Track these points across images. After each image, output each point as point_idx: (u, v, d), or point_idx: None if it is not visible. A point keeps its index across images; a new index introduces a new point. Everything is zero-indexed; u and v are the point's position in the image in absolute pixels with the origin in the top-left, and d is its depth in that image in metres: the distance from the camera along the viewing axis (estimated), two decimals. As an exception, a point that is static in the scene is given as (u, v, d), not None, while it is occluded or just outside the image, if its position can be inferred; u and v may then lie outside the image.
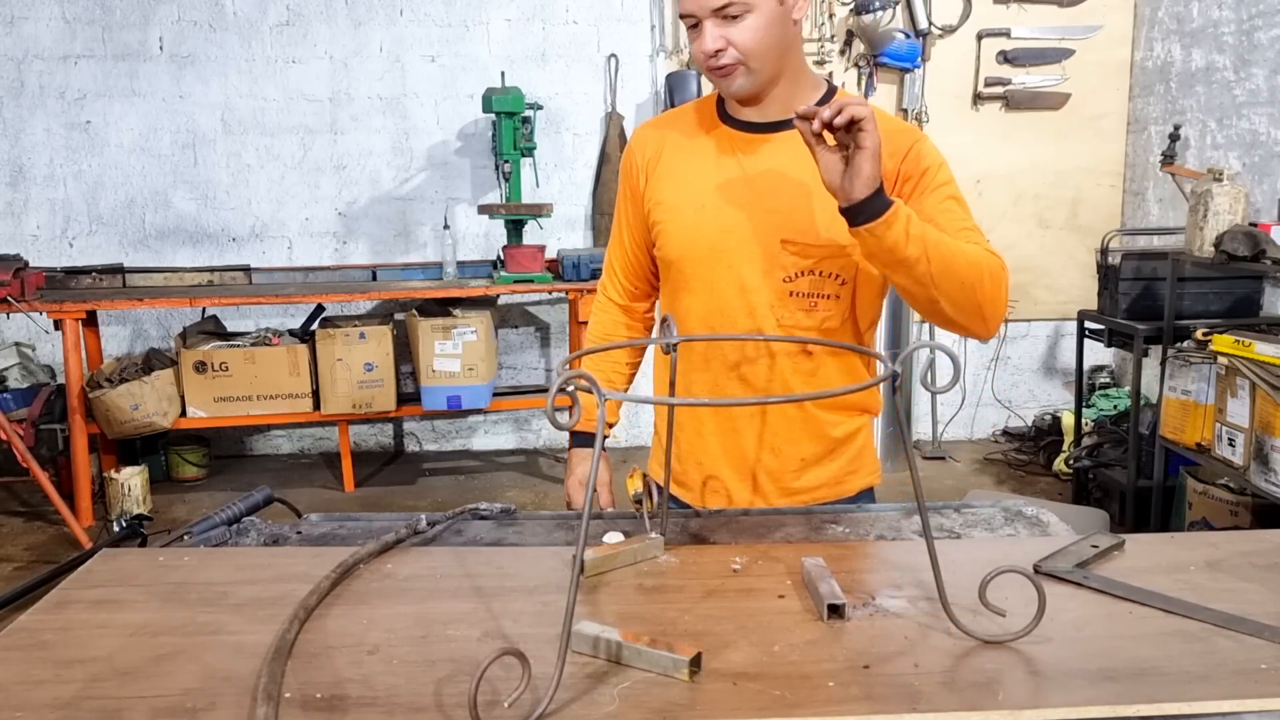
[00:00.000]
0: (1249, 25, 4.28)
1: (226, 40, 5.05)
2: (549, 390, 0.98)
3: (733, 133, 1.57)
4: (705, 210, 1.56)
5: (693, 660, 1.01)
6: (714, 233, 1.55)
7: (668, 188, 1.60)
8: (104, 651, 1.10)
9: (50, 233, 5.12)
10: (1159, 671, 1.02)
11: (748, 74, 1.47)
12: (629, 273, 1.74)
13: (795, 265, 1.53)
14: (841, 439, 1.67)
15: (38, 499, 4.49)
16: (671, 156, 1.61)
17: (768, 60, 1.47)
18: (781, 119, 1.53)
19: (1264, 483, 3.18)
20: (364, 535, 1.48)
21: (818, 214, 1.50)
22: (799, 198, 1.51)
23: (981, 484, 4.79)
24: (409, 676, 1.03)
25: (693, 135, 1.61)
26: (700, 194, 1.56)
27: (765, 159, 1.54)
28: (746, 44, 1.44)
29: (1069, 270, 5.32)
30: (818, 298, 1.55)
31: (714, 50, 1.44)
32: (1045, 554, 1.30)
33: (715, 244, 1.55)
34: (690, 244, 1.57)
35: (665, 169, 1.61)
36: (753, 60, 1.46)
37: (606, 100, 5.20)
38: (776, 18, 1.45)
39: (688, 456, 1.69)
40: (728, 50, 1.45)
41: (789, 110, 1.46)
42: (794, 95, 1.53)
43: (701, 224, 1.56)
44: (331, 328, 4.54)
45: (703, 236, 1.56)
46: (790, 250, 1.52)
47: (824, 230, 1.50)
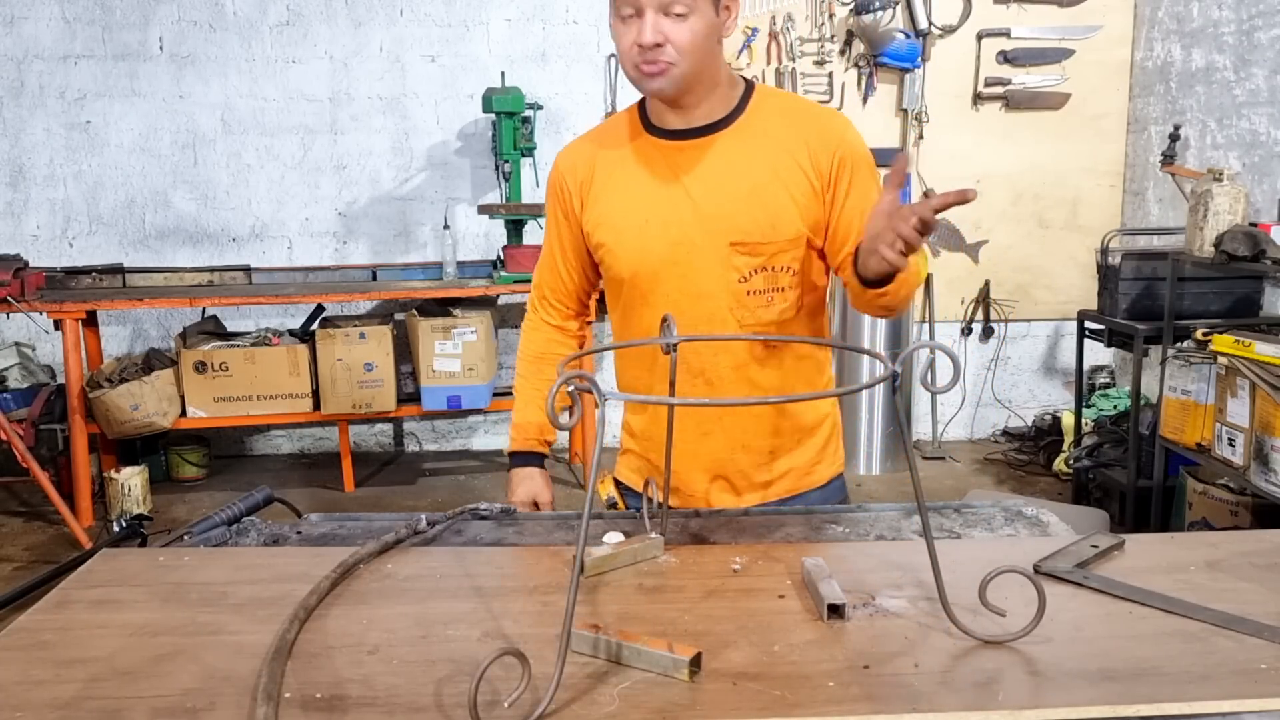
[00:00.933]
0: (1249, 25, 4.28)
1: (226, 40, 5.05)
2: (549, 390, 0.98)
3: (663, 143, 1.56)
4: (650, 225, 1.55)
5: (693, 660, 1.01)
6: (662, 246, 1.55)
7: (606, 209, 1.59)
8: (104, 651, 1.10)
9: (50, 233, 5.12)
10: (1159, 671, 1.02)
11: (676, 77, 1.46)
12: (561, 294, 1.74)
13: (748, 265, 1.54)
14: (809, 427, 1.69)
15: (38, 499, 4.49)
16: (605, 176, 1.60)
17: (697, 64, 1.46)
18: (707, 123, 1.54)
19: (1264, 483, 3.18)
20: (364, 535, 1.48)
21: (761, 212, 1.52)
22: (741, 199, 1.52)
23: (981, 484, 4.79)
24: (409, 676, 1.03)
25: (623, 151, 1.59)
26: (642, 210, 1.56)
27: (701, 165, 1.54)
28: (683, 44, 1.43)
29: (1069, 270, 5.32)
30: (773, 292, 1.57)
31: (652, 43, 1.42)
32: (1045, 554, 1.30)
33: (665, 257, 1.55)
34: (640, 261, 1.57)
35: (600, 190, 1.60)
36: (685, 61, 1.45)
37: (606, 100, 5.20)
38: (712, 27, 1.46)
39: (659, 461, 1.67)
40: (665, 47, 1.43)
41: (713, 114, 1.54)
42: (717, 100, 1.54)
43: (648, 240, 1.55)
44: (331, 328, 4.54)
45: (651, 252, 1.55)
46: (741, 251, 1.53)
47: (770, 227, 1.52)
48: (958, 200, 1.19)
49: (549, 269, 1.72)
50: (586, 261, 1.68)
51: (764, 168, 1.53)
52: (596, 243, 1.62)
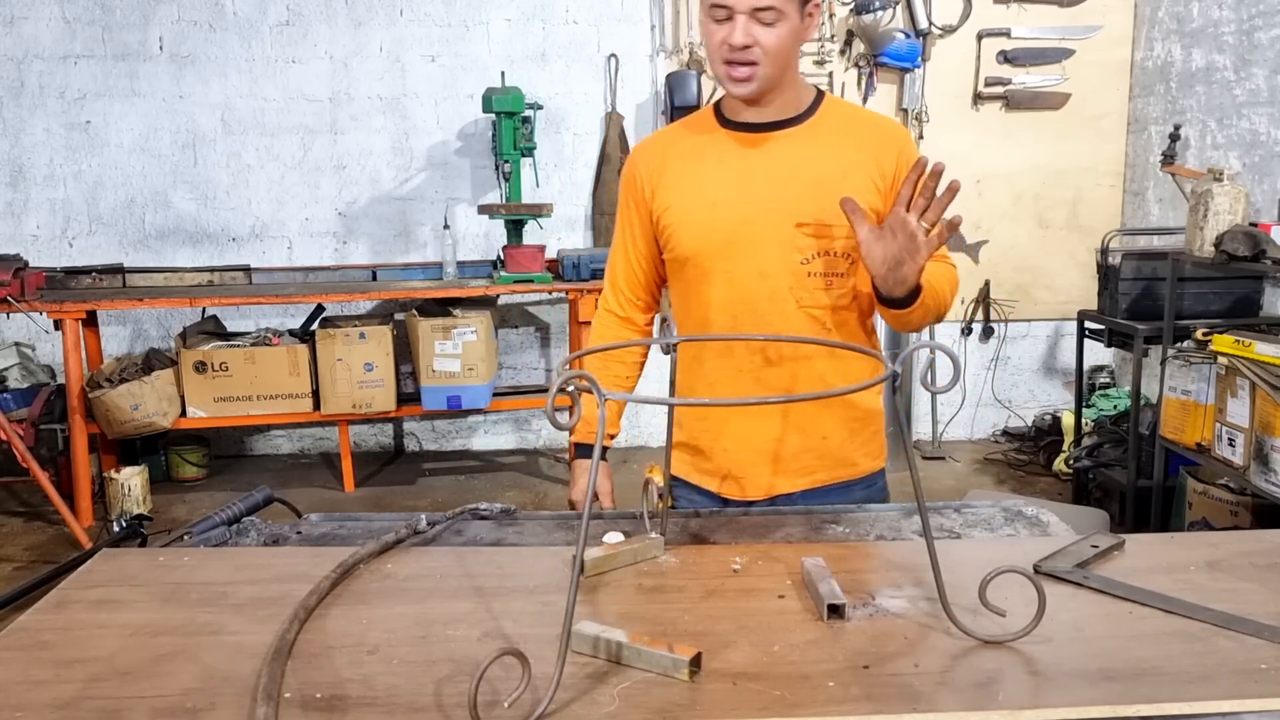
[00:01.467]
0: (1249, 25, 4.28)
1: (226, 40, 5.05)
2: (549, 390, 0.98)
3: (735, 134, 1.64)
4: (718, 206, 1.62)
5: (693, 660, 1.01)
6: (729, 225, 1.61)
7: (676, 191, 1.66)
8: (104, 651, 1.10)
9: (50, 233, 5.12)
10: (1159, 671, 1.02)
11: (762, 78, 1.55)
12: (632, 284, 1.78)
13: (811, 247, 1.61)
14: (861, 416, 1.73)
15: (38, 499, 4.49)
16: (676, 164, 1.67)
17: (781, 66, 1.56)
18: (779, 119, 1.63)
19: (1264, 483, 3.18)
20: (364, 535, 1.48)
21: (827, 199, 1.57)
22: (808, 185, 1.60)
23: (981, 484, 4.79)
24: (409, 676, 1.03)
25: (695, 142, 1.68)
26: (711, 192, 1.63)
27: (770, 154, 1.62)
28: (771, 48, 1.53)
29: (1069, 270, 5.32)
30: (832, 276, 1.63)
31: (743, 44, 1.51)
32: (1045, 554, 1.30)
33: (731, 235, 1.61)
34: (705, 239, 1.63)
35: (671, 176, 1.67)
36: (770, 64, 1.54)
37: (606, 100, 5.20)
38: (797, 32, 1.55)
39: (712, 445, 1.72)
40: (754, 48, 1.52)
41: (785, 112, 1.63)
42: (790, 99, 1.63)
43: (715, 219, 1.62)
44: (331, 328, 4.54)
45: (717, 230, 1.62)
46: (806, 233, 1.60)
47: (835, 213, 1.56)
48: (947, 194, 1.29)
49: (621, 258, 1.78)
50: (656, 253, 1.74)
51: (831, 162, 1.61)
52: (664, 225, 1.68)
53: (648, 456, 5.22)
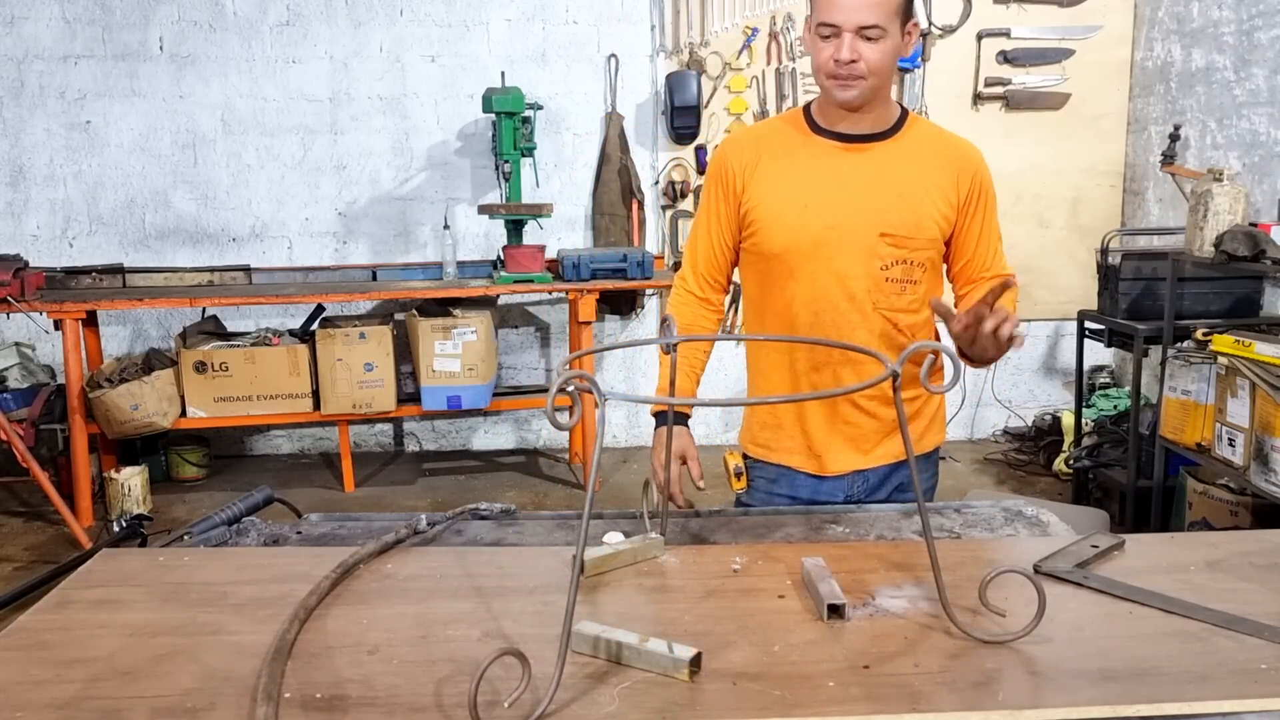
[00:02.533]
0: (1249, 25, 4.28)
1: (226, 40, 5.05)
2: (549, 390, 0.98)
3: (829, 142, 1.75)
4: (808, 210, 1.72)
5: (693, 660, 1.01)
6: (817, 229, 1.72)
7: (769, 190, 1.75)
8: (104, 651, 1.10)
9: (50, 233, 5.12)
10: (1159, 671, 1.02)
11: (866, 90, 1.65)
12: (712, 267, 1.87)
13: (891, 255, 1.73)
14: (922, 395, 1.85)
15: (38, 499, 4.49)
16: (769, 163, 1.77)
17: (883, 80, 1.67)
18: (871, 132, 1.74)
19: (1264, 483, 3.18)
20: (364, 535, 1.48)
21: (910, 212, 1.71)
22: (894, 198, 1.71)
23: (981, 484, 4.79)
24: (409, 676, 1.03)
25: (789, 145, 1.77)
26: (803, 195, 1.73)
27: (862, 165, 1.73)
28: (875, 62, 1.63)
29: (1069, 270, 5.32)
30: (907, 283, 1.76)
31: (850, 60, 1.61)
32: (1045, 554, 1.30)
33: (818, 239, 1.72)
34: (794, 239, 1.73)
35: (764, 174, 1.76)
36: (875, 78, 1.65)
37: (606, 100, 5.20)
38: (897, 49, 1.66)
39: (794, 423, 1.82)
40: (859, 63, 1.62)
41: (877, 126, 1.74)
42: (882, 114, 1.74)
43: (805, 222, 1.72)
44: (331, 328, 4.54)
45: (806, 232, 1.72)
46: (888, 242, 1.72)
47: (916, 226, 1.72)
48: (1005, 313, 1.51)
49: (704, 240, 1.86)
50: (737, 242, 1.84)
51: (915, 177, 1.73)
52: (753, 219, 1.77)
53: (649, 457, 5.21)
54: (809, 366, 1.78)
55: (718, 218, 1.84)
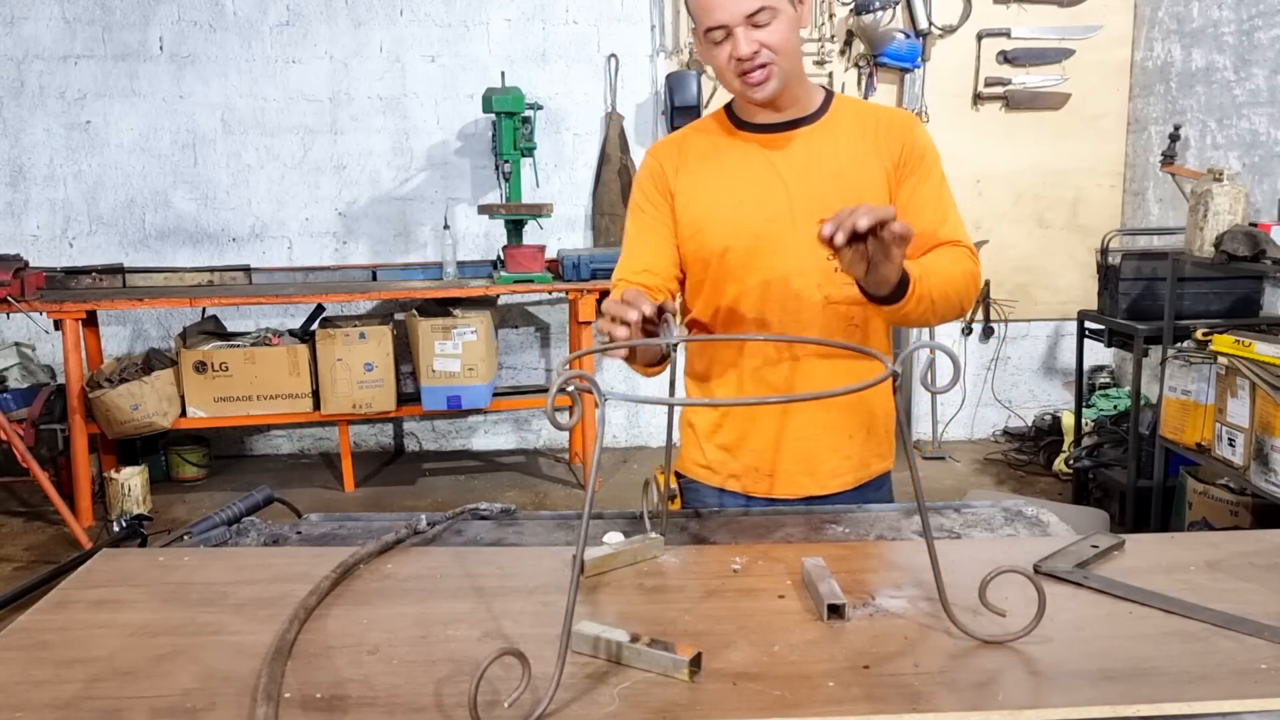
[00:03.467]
0: (1249, 25, 4.27)
1: (226, 40, 5.05)
2: (549, 390, 0.98)
3: (755, 136, 1.66)
4: (744, 205, 1.63)
5: (693, 660, 1.01)
6: (757, 223, 1.63)
7: (701, 190, 1.67)
8: (104, 651, 1.10)
9: (50, 233, 5.12)
10: (1159, 671, 1.02)
11: (779, 75, 1.56)
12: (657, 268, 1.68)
13: None
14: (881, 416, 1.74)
15: (38, 499, 4.49)
16: (697, 164, 1.68)
17: (793, 60, 1.58)
18: (797, 117, 1.65)
19: (1264, 483, 3.18)
20: (364, 535, 1.48)
21: (850, 193, 1.59)
22: (833, 182, 1.62)
23: (981, 484, 4.79)
24: (409, 676, 1.03)
25: (714, 145, 1.69)
26: (736, 191, 1.64)
27: (792, 153, 1.64)
28: (777, 44, 1.53)
29: (1069, 270, 5.32)
30: None
31: (751, 53, 1.52)
32: (1045, 554, 1.30)
33: (759, 233, 1.63)
34: (733, 236, 1.64)
35: (694, 175, 1.68)
36: (783, 60, 1.55)
37: (606, 100, 5.20)
38: (794, 22, 1.56)
39: (739, 442, 1.71)
40: (762, 51, 1.53)
41: (800, 110, 1.65)
42: (803, 98, 1.65)
43: (743, 217, 1.63)
44: (331, 328, 4.54)
45: (745, 228, 1.63)
46: None
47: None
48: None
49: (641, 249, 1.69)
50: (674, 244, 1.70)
51: (847, 156, 1.63)
52: (688, 220, 1.67)
53: (649, 457, 5.22)
54: (761, 362, 1.66)
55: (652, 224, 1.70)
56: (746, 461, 1.70)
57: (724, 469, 1.72)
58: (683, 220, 1.68)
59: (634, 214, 1.73)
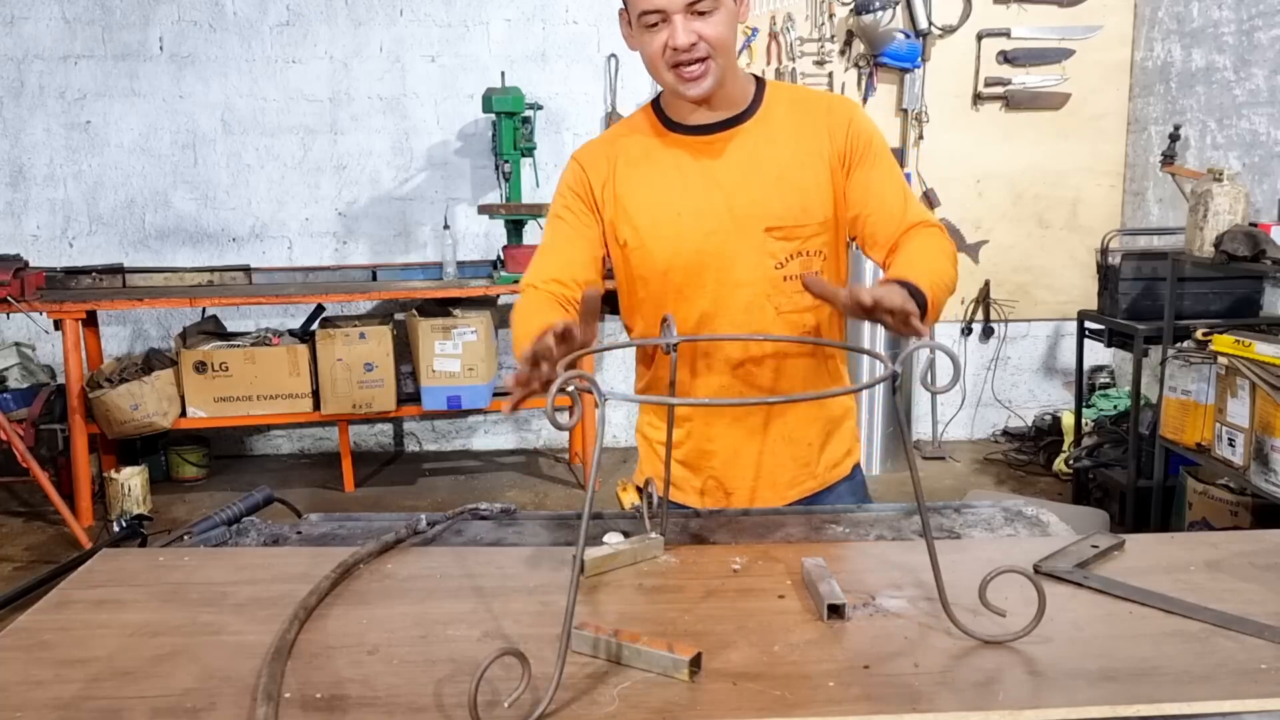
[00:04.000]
0: (1249, 25, 4.27)
1: (226, 40, 5.05)
2: (549, 390, 0.98)
3: (687, 139, 1.57)
4: (683, 218, 1.55)
5: (693, 660, 1.01)
6: (697, 236, 1.54)
7: (633, 205, 1.57)
8: (104, 651, 1.10)
9: (50, 233, 5.12)
10: (1159, 671, 1.02)
11: (715, 72, 1.47)
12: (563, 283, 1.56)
13: (783, 250, 1.55)
14: (839, 418, 1.71)
15: (38, 499, 4.49)
16: (628, 173, 1.58)
17: (730, 57, 1.49)
18: (729, 116, 1.56)
19: (1264, 483, 3.18)
20: (364, 535, 1.48)
21: (793, 196, 1.53)
22: (772, 185, 1.54)
23: (981, 484, 4.79)
24: (409, 676, 1.03)
25: (645, 149, 1.58)
26: (674, 203, 1.55)
27: (727, 156, 1.55)
28: (716, 38, 1.45)
29: (1069, 270, 5.32)
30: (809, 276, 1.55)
31: (688, 44, 1.43)
32: (1045, 554, 1.30)
33: (701, 247, 1.55)
34: (674, 253, 1.55)
35: (624, 187, 1.58)
36: (720, 55, 1.46)
37: (606, 100, 5.20)
38: (734, 17, 1.48)
39: (698, 459, 1.67)
40: (700, 44, 1.44)
41: (734, 107, 1.55)
42: (736, 92, 1.56)
43: (682, 232, 1.54)
44: (331, 328, 4.54)
45: (686, 243, 1.55)
46: (776, 236, 1.54)
47: (802, 210, 1.53)
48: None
49: (551, 258, 1.59)
50: (596, 257, 1.61)
51: (788, 155, 1.55)
52: (623, 239, 1.58)
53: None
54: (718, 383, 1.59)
55: (571, 231, 1.59)
56: (707, 475, 1.67)
57: (686, 484, 1.69)
58: (618, 238, 1.58)
59: (551, 220, 1.63)
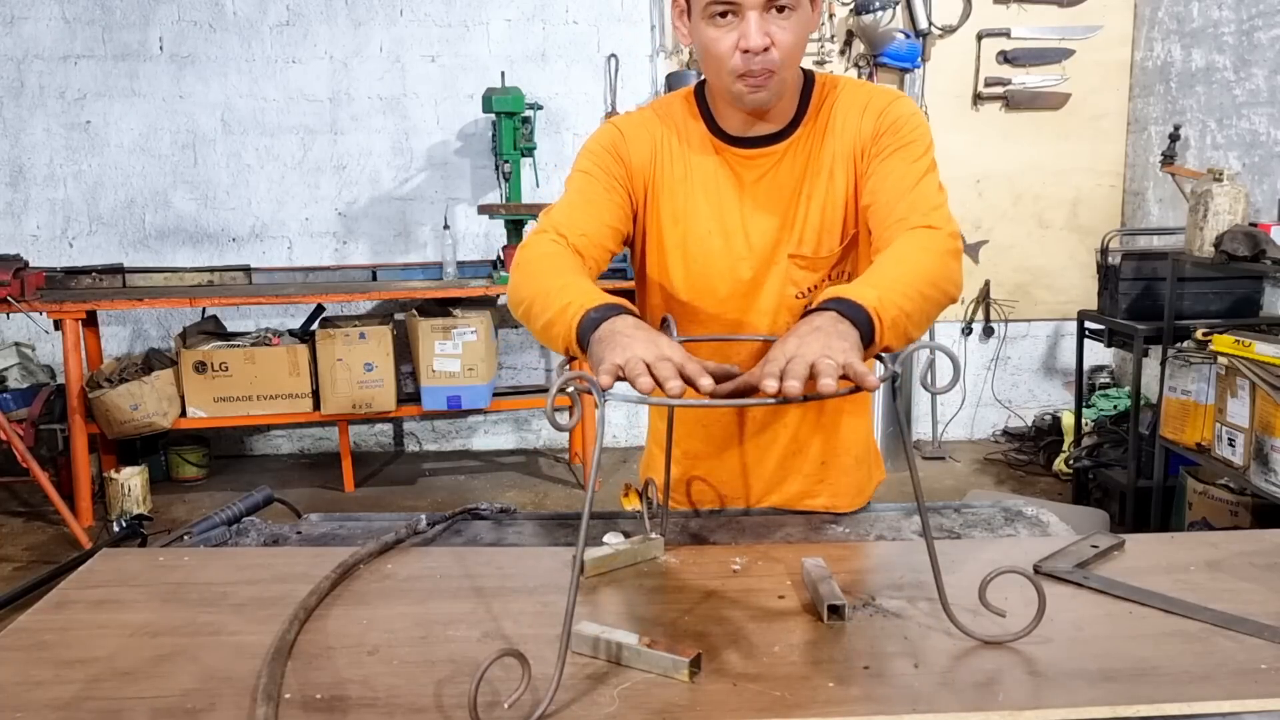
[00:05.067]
0: (1249, 25, 4.27)
1: (226, 40, 5.05)
2: (549, 390, 0.98)
3: (729, 150, 1.46)
4: (712, 236, 1.47)
5: (693, 660, 1.01)
6: (725, 261, 1.47)
7: (668, 210, 1.48)
8: (104, 651, 1.10)
9: (50, 233, 5.12)
10: (1159, 671, 1.02)
11: (777, 86, 1.34)
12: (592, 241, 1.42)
13: (806, 280, 1.48)
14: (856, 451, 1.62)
15: (38, 499, 4.49)
16: (667, 172, 1.48)
17: (796, 68, 1.37)
18: (774, 130, 1.44)
19: (1264, 483, 3.18)
20: (364, 535, 1.48)
21: (819, 225, 1.45)
22: (800, 210, 1.45)
23: (981, 484, 4.79)
24: (409, 677, 1.03)
25: (685, 150, 1.48)
26: (705, 221, 1.47)
27: (764, 176, 1.46)
28: (789, 45, 1.30)
29: (1069, 270, 5.32)
30: None
31: (762, 46, 1.27)
32: (1045, 554, 1.30)
33: (725, 271, 1.48)
34: (700, 274, 1.49)
35: (662, 188, 1.48)
36: (787, 68, 1.33)
37: (606, 100, 5.20)
38: (810, 24, 1.34)
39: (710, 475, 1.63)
40: (771, 51, 1.28)
41: (782, 119, 1.42)
42: (787, 103, 1.43)
43: (710, 252, 1.47)
44: (331, 328, 4.54)
45: (712, 265, 1.48)
46: (799, 265, 1.46)
47: (827, 241, 1.46)
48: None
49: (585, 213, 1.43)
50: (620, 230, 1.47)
51: (823, 173, 1.44)
52: (652, 246, 1.50)
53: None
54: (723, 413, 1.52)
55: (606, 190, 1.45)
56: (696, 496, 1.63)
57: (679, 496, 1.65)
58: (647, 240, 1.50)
59: (579, 175, 1.48)
